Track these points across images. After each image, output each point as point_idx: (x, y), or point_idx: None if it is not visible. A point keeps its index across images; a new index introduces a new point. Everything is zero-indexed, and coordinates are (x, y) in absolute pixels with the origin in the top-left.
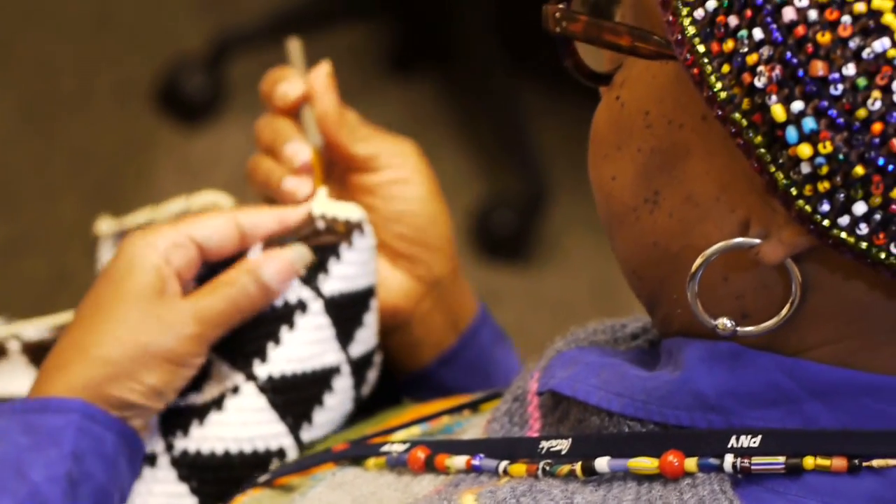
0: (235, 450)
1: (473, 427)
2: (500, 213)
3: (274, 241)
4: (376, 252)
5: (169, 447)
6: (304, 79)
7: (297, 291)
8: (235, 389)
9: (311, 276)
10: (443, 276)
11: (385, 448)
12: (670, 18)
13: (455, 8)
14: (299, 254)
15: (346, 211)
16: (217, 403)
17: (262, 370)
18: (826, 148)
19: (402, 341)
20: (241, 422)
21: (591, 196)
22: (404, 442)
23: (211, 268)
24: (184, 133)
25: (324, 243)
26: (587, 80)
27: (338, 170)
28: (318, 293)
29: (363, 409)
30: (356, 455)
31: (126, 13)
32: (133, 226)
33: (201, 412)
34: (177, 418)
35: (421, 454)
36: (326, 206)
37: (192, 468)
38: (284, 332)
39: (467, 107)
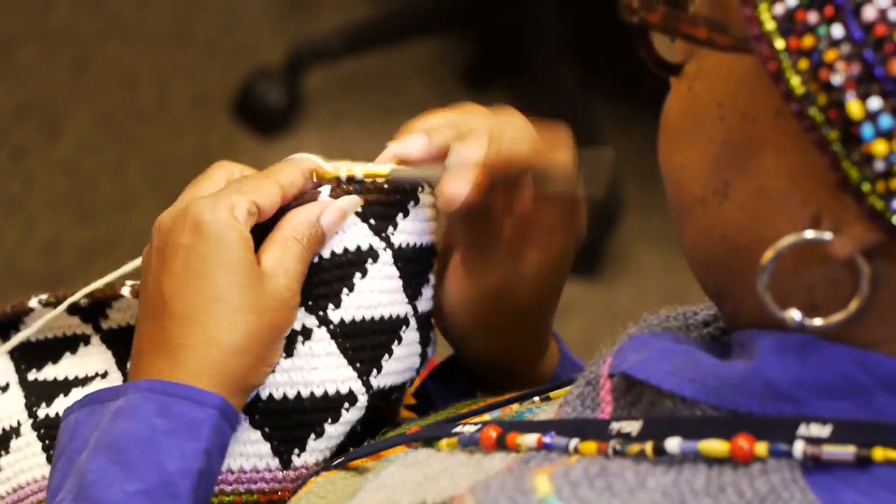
0: (306, 393)
1: (545, 413)
2: None
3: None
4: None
5: None
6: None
7: (368, 239)
8: (307, 333)
9: (380, 227)
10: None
11: (457, 429)
12: (749, 13)
13: (528, 24)
14: (351, 202)
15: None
16: (286, 348)
17: (335, 315)
18: None
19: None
20: (312, 366)
21: (663, 211)
22: (476, 423)
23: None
24: (260, 143)
25: (391, 200)
26: (660, 69)
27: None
28: (388, 243)
29: (435, 404)
30: (428, 437)
31: (205, 26)
32: None
33: None
34: None
35: (493, 433)
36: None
37: (265, 414)
38: (357, 278)
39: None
